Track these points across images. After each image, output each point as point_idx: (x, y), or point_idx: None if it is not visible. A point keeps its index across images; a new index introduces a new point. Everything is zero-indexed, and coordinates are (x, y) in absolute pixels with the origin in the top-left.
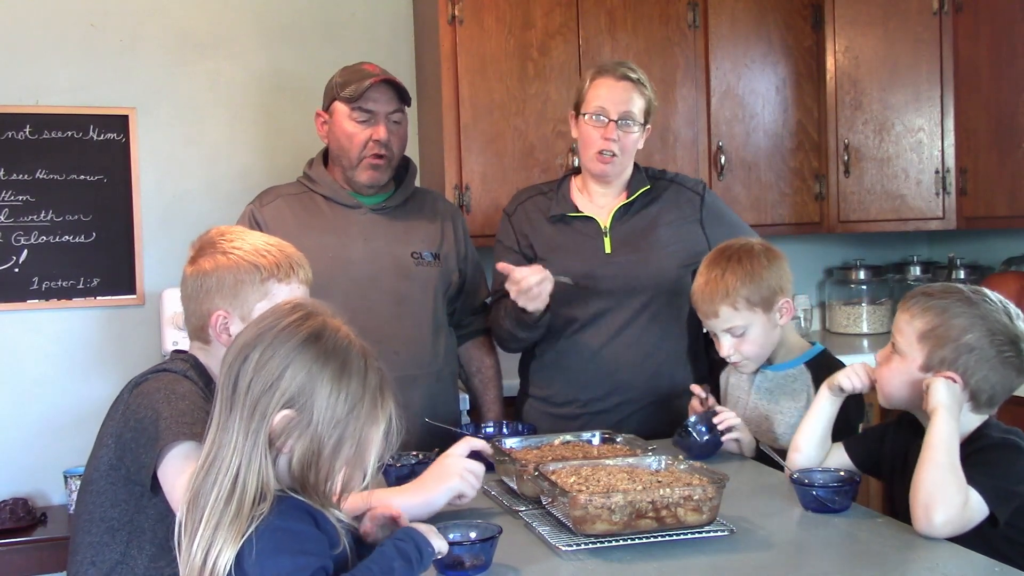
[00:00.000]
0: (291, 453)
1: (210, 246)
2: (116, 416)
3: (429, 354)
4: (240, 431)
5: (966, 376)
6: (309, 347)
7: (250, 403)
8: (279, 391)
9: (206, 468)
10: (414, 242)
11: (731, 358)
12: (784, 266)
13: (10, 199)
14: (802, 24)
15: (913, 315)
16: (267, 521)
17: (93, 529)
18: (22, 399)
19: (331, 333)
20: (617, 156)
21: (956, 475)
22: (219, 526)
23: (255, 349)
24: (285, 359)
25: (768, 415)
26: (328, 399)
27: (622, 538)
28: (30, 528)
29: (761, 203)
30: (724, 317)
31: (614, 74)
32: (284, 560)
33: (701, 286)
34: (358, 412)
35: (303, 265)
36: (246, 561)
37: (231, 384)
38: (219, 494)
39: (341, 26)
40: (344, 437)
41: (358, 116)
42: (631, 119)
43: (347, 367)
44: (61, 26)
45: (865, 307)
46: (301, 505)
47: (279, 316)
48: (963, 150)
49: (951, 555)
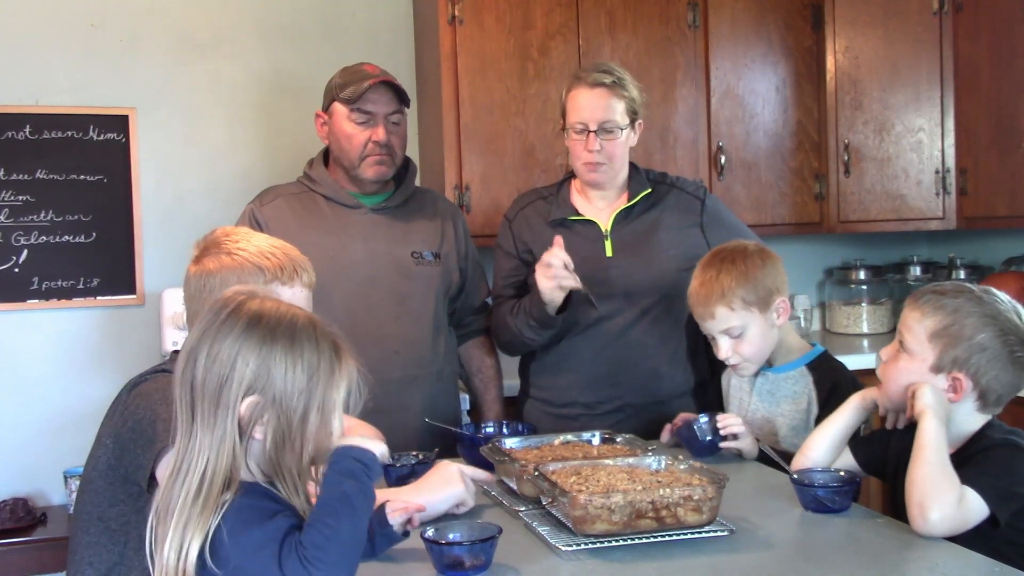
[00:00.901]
0: (264, 436)
1: (215, 246)
2: (114, 416)
3: (430, 354)
4: (205, 431)
5: (977, 376)
6: (253, 330)
7: (209, 401)
8: (235, 381)
9: (173, 477)
10: (414, 242)
11: (730, 360)
12: (779, 266)
13: (10, 199)
14: (802, 24)
15: (924, 313)
16: (232, 504)
17: (91, 529)
18: (22, 399)
19: (271, 311)
20: (605, 164)
21: (947, 473)
22: (188, 523)
23: (200, 351)
24: (233, 349)
25: (770, 417)
26: (286, 375)
27: (622, 538)
28: (30, 528)
29: (761, 203)
30: (721, 318)
31: (587, 82)
32: (255, 532)
33: (696, 288)
34: (317, 379)
35: (307, 268)
36: (220, 546)
37: (187, 391)
38: (186, 496)
39: (341, 26)
40: (309, 406)
41: (357, 117)
42: (612, 125)
43: (296, 338)
44: (61, 26)
45: (865, 307)
46: (265, 490)
47: (216, 312)
48: (963, 150)
49: (951, 555)
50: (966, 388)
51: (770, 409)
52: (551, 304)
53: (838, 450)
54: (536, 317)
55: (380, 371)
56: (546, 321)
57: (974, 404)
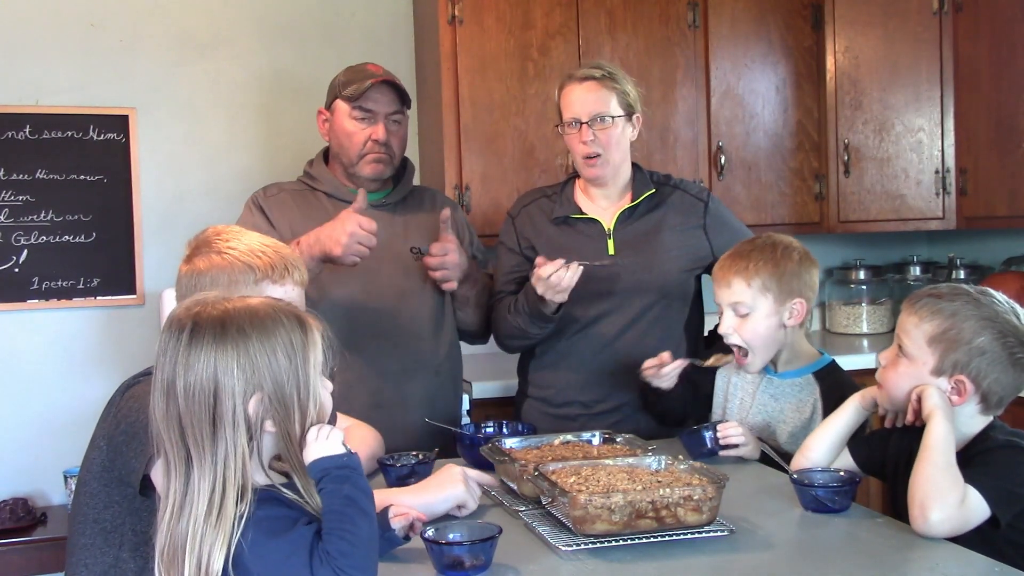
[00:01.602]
0: (275, 427)
1: (205, 245)
2: (108, 418)
3: (429, 349)
4: (205, 459)
5: (978, 379)
6: (223, 337)
7: (206, 425)
8: (227, 391)
9: (175, 516)
10: (413, 237)
11: (729, 338)
12: (813, 274)
13: (10, 199)
14: (802, 24)
15: (922, 318)
16: (250, 518)
17: (87, 531)
18: (22, 399)
19: (230, 312)
20: (601, 154)
21: (952, 474)
22: (203, 539)
23: (176, 381)
24: (210, 364)
25: (771, 421)
26: (270, 363)
27: (622, 538)
28: (30, 528)
29: (761, 203)
30: (735, 289)
31: (577, 78)
32: (280, 543)
33: (726, 256)
34: (295, 357)
35: (298, 267)
36: (243, 558)
37: (175, 428)
38: (195, 525)
39: (341, 26)
40: (299, 384)
41: (358, 115)
42: (604, 115)
43: (265, 327)
44: (61, 26)
45: (865, 307)
46: (279, 497)
47: (174, 336)
48: (963, 150)
49: (951, 555)
50: (970, 391)
51: (772, 414)
52: (550, 305)
53: (837, 450)
54: (534, 314)
55: (379, 365)
56: (546, 317)
57: (976, 407)
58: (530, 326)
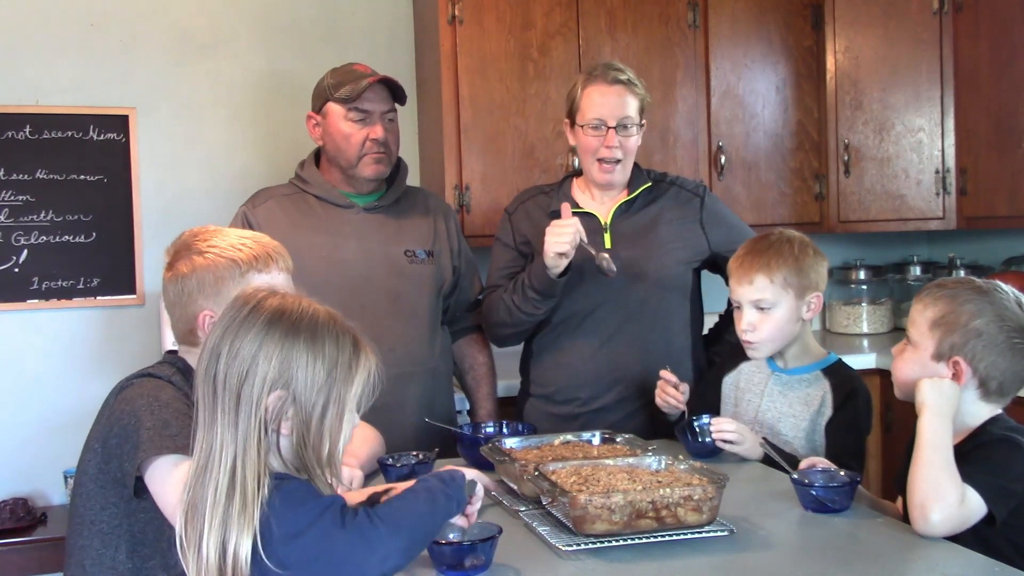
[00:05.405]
0: (290, 432)
1: (185, 249)
2: (102, 420)
3: (425, 351)
4: (228, 427)
5: (974, 362)
6: (275, 326)
7: (231, 397)
8: (259, 376)
9: (199, 474)
10: (407, 240)
11: (746, 334)
12: (825, 266)
13: (10, 199)
14: (802, 24)
15: (925, 305)
16: (273, 495)
17: (84, 532)
18: (22, 399)
19: (292, 307)
20: (622, 160)
21: (949, 472)
22: (227, 521)
23: (223, 346)
24: (255, 344)
25: (779, 418)
26: (307, 369)
27: (622, 538)
28: (30, 528)
29: (761, 203)
30: (758, 286)
31: (605, 79)
32: (310, 503)
33: (742, 254)
34: (335, 375)
35: (282, 254)
36: (271, 540)
37: (210, 387)
38: (217, 493)
39: (341, 26)
40: (328, 402)
41: (354, 116)
42: (629, 122)
43: (317, 334)
44: (61, 26)
45: (865, 307)
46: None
47: (237, 308)
48: (963, 150)
49: (951, 555)
50: (966, 373)
51: (781, 409)
52: (554, 268)
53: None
54: (537, 287)
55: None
56: (547, 289)
57: (975, 392)
58: (525, 303)
